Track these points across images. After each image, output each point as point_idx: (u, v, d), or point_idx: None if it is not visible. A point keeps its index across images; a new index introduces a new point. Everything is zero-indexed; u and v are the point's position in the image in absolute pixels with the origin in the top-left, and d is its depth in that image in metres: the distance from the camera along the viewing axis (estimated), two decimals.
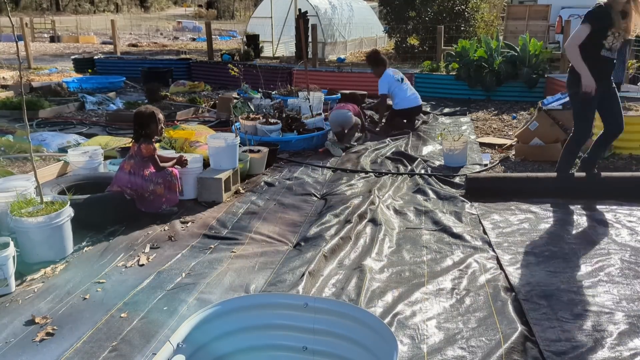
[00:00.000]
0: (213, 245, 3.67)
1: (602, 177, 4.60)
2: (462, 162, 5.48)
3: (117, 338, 2.56)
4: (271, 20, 17.70)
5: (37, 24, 30.36)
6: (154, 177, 4.07)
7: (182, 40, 27.87)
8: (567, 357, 2.40)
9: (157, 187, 4.07)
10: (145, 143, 4.06)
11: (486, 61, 9.32)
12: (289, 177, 5.15)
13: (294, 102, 7.28)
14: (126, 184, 4.00)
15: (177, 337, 1.81)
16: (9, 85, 10.65)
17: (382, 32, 19.89)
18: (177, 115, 7.83)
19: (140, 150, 4.06)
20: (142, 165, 4.06)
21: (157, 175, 4.09)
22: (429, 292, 3.00)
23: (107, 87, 10.80)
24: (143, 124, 4.08)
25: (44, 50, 21.22)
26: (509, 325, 2.62)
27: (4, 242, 3.06)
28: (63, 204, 3.43)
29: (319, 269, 3.23)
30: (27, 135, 3.59)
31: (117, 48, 15.89)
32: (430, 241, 3.71)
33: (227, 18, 56.62)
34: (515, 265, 3.30)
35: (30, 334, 2.60)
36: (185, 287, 3.06)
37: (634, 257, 3.39)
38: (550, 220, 4.04)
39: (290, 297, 2.23)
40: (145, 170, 4.05)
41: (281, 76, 10.54)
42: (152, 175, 4.07)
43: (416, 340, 2.55)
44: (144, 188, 4.02)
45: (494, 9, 19.60)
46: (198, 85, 10.98)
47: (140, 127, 4.09)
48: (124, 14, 56.36)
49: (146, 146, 4.05)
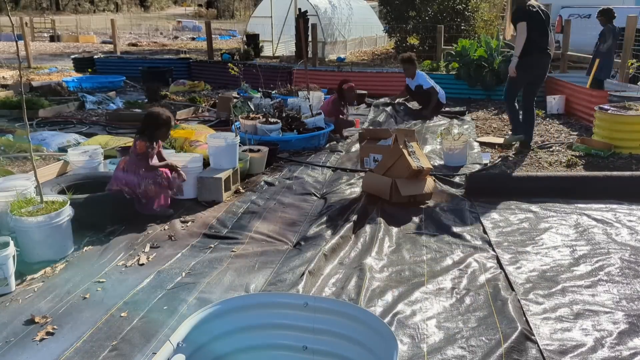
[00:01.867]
0: (213, 244, 3.67)
1: (607, 176, 4.60)
2: (462, 162, 5.47)
3: (117, 337, 2.56)
4: (271, 20, 17.70)
5: (37, 23, 30.34)
6: (146, 176, 4.00)
7: (182, 39, 27.86)
8: (567, 356, 2.41)
9: (149, 186, 3.99)
10: (141, 140, 4.01)
11: (486, 61, 9.31)
12: (289, 176, 5.15)
13: (294, 102, 7.28)
14: (121, 181, 3.98)
15: (177, 337, 1.81)
16: (8, 84, 10.65)
17: (382, 32, 19.89)
18: (177, 114, 7.82)
19: (134, 146, 4.03)
20: (136, 163, 4.01)
21: (149, 176, 4.01)
22: (429, 292, 3.00)
23: (107, 87, 10.80)
24: (153, 125, 4.04)
25: (43, 49, 21.21)
26: (509, 324, 2.62)
27: (4, 242, 3.06)
28: (63, 204, 3.43)
29: (319, 269, 3.23)
30: (27, 134, 3.59)
31: (117, 47, 15.88)
32: (430, 240, 3.71)
33: (227, 17, 56.59)
34: (515, 265, 3.30)
35: (30, 333, 2.60)
36: (185, 286, 3.06)
37: (634, 256, 3.39)
38: (550, 219, 4.04)
39: (290, 297, 2.23)
40: (140, 169, 4.02)
41: (281, 76, 10.53)
42: (145, 174, 4.01)
43: (416, 339, 2.55)
44: (135, 186, 3.97)
45: (493, 9, 19.58)
46: (198, 84, 10.97)
47: (148, 126, 4.05)
48: (124, 14, 56.35)
49: (140, 143, 3.99)
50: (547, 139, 6.51)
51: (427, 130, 7.12)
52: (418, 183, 4.42)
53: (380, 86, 10.08)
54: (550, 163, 5.48)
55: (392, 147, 4.55)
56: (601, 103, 6.39)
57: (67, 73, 12.90)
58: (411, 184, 4.37)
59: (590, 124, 6.65)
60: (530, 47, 5.56)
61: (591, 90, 7.49)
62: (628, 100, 6.23)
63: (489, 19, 17.20)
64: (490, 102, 9.17)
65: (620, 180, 4.59)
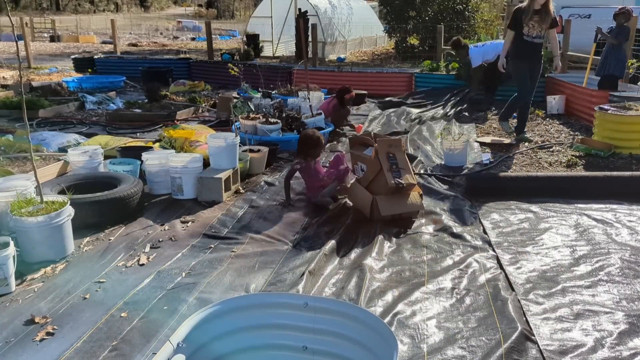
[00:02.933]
0: (213, 244, 3.67)
1: (607, 176, 4.60)
2: (462, 162, 5.47)
3: (117, 337, 2.56)
4: (271, 20, 17.70)
5: (37, 23, 30.36)
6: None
7: (182, 39, 27.88)
8: (567, 356, 2.41)
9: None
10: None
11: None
12: None
13: (294, 102, 7.28)
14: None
15: (177, 337, 1.80)
16: (8, 84, 10.65)
17: (382, 32, 19.89)
18: (177, 114, 7.82)
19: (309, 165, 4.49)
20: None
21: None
22: (429, 292, 3.00)
23: (107, 87, 10.80)
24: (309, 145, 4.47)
25: (43, 49, 21.21)
26: (509, 324, 2.62)
27: (4, 242, 3.06)
28: (63, 204, 3.43)
29: (319, 269, 3.23)
30: (27, 134, 3.59)
31: (117, 48, 15.89)
32: (431, 241, 3.71)
33: (227, 17, 56.61)
34: (515, 265, 3.30)
35: (30, 333, 2.60)
36: (186, 286, 3.06)
37: (634, 256, 3.39)
38: (550, 219, 4.04)
39: (290, 297, 2.22)
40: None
41: (281, 76, 10.54)
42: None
43: (416, 339, 2.55)
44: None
45: (494, 9, 19.59)
46: (198, 84, 10.97)
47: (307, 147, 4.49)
48: (124, 14, 56.36)
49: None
50: (547, 139, 6.51)
51: (427, 130, 7.11)
52: (400, 200, 4.05)
53: (381, 86, 10.09)
54: (550, 163, 5.48)
55: (372, 159, 4.16)
56: (601, 103, 6.39)
57: (67, 73, 12.91)
58: (393, 201, 4.02)
59: (590, 124, 6.65)
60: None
61: (591, 90, 7.48)
62: (628, 100, 6.23)
63: (489, 19, 17.21)
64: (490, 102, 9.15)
65: (620, 180, 4.59)
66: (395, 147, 4.21)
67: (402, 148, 4.25)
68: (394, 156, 4.14)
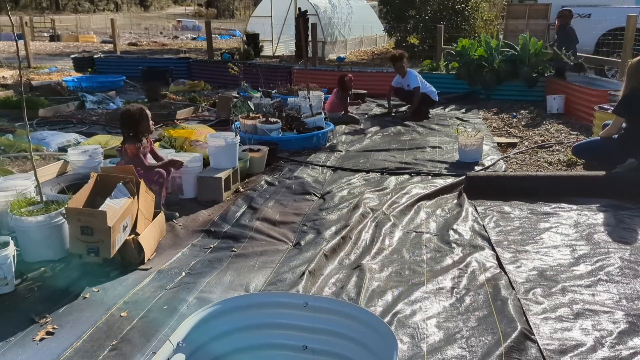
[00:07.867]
0: (213, 244, 3.67)
1: (607, 175, 4.60)
2: (476, 158, 5.51)
3: (117, 337, 2.56)
4: (271, 20, 17.70)
5: (36, 23, 30.39)
6: (146, 177, 3.88)
7: (182, 39, 27.87)
8: (567, 356, 2.41)
9: (150, 186, 3.88)
10: (128, 143, 3.93)
11: (486, 60, 9.32)
12: (289, 176, 5.15)
13: (294, 101, 7.28)
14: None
15: (177, 336, 1.81)
16: (8, 84, 10.65)
17: (382, 31, 19.89)
18: (177, 114, 7.83)
19: (125, 153, 3.97)
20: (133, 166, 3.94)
21: (148, 176, 3.91)
22: (429, 291, 3.00)
23: (107, 86, 10.79)
24: (129, 124, 3.94)
25: (43, 49, 21.21)
26: (509, 324, 2.62)
27: (3, 241, 3.05)
28: (63, 204, 3.43)
29: (319, 268, 3.23)
30: (27, 134, 3.59)
31: (117, 47, 15.87)
32: (430, 240, 3.71)
33: (226, 17, 56.63)
34: (515, 264, 3.30)
35: (30, 333, 2.60)
36: (185, 286, 3.06)
37: (634, 256, 3.39)
38: (550, 219, 4.03)
39: (290, 296, 2.23)
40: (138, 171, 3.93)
41: (281, 75, 10.53)
42: (145, 174, 3.90)
43: (416, 339, 2.55)
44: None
45: (493, 8, 19.59)
46: (198, 84, 10.97)
47: (126, 127, 3.95)
48: (124, 13, 56.37)
49: (129, 146, 3.93)
50: (547, 139, 6.51)
51: (430, 128, 7.11)
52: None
53: (380, 86, 10.07)
54: (550, 163, 5.48)
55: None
56: (601, 103, 6.39)
57: (67, 73, 12.90)
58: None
59: (591, 123, 6.65)
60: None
61: (591, 90, 7.48)
62: None
63: (489, 19, 17.21)
64: (490, 102, 9.16)
65: (620, 180, 4.59)
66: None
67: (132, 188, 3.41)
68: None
